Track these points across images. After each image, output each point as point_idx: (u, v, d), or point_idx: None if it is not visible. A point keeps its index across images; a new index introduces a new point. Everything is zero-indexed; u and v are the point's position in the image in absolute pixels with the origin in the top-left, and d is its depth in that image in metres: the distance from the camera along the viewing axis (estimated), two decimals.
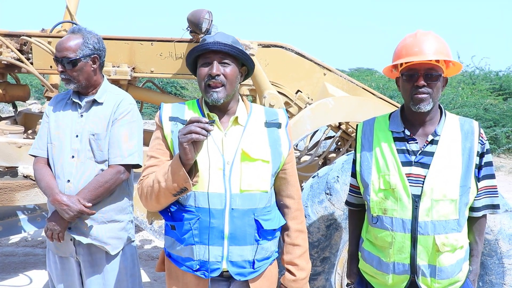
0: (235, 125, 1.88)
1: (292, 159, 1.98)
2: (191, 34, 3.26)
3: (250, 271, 1.88)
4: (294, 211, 2.00)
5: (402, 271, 1.95)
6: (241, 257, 1.84)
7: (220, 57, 1.81)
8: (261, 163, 1.84)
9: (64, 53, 2.27)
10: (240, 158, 1.82)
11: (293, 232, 1.99)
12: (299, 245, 1.99)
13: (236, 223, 1.81)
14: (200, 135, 1.61)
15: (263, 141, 1.88)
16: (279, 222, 1.95)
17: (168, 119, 1.89)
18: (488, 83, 14.71)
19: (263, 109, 1.98)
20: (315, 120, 3.26)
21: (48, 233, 2.27)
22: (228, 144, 1.84)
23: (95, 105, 2.34)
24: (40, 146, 2.37)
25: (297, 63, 3.49)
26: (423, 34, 1.95)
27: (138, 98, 3.74)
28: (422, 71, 1.88)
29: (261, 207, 1.86)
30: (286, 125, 1.95)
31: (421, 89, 1.88)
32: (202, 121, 1.63)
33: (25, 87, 3.83)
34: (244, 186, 1.81)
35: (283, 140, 1.92)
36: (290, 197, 1.99)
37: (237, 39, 1.89)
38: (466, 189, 1.92)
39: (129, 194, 2.46)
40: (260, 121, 1.92)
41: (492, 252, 2.66)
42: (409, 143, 1.96)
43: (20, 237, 5.24)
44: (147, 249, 5.09)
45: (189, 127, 1.62)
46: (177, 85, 17.09)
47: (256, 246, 1.86)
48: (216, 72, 1.79)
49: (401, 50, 1.94)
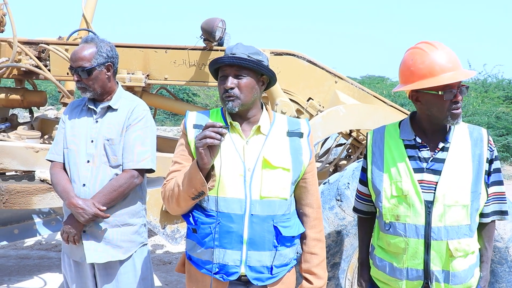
0: (258, 134, 1.92)
1: (313, 168, 2.00)
2: (204, 42, 3.31)
3: (268, 277, 1.90)
4: (312, 220, 2.02)
5: (416, 277, 1.97)
6: (259, 262, 1.87)
7: (236, 70, 1.86)
8: (281, 171, 1.88)
9: (79, 62, 2.32)
10: (261, 166, 1.86)
11: (311, 241, 2.01)
12: (317, 254, 2.01)
13: (255, 228, 1.84)
14: (214, 139, 1.67)
15: (284, 150, 1.91)
16: (298, 230, 1.97)
17: (192, 126, 1.94)
18: (501, 91, 14.60)
19: (286, 118, 2.01)
20: (326, 127, 3.29)
21: (64, 236, 2.33)
22: (249, 152, 1.88)
23: (110, 111, 2.40)
24: (56, 151, 2.43)
25: (308, 71, 3.53)
26: (441, 46, 1.93)
27: (152, 104, 3.79)
28: (456, 86, 1.89)
29: (280, 214, 1.89)
30: (308, 134, 1.98)
31: (458, 104, 1.90)
32: (216, 126, 1.69)
33: (42, 93, 3.91)
34: (264, 193, 1.85)
35: (304, 150, 1.95)
36: (309, 206, 2.02)
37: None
38: (477, 194, 1.94)
39: (142, 198, 2.51)
40: (283, 131, 1.95)
41: (503, 260, 2.66)
42: (420, 150, 1.98)
43: (35, 240, 5.31)
44: (159, 254, 5.13)
45: (204, 132, 1.70)
46: (189, 92, 17.19)
47: (274, 252, 1.88)
48: (229, 86, 1.84)
49: (434, 66, 1.89)
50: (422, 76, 1.91)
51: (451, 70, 1.88)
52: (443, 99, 1.89)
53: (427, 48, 1.93)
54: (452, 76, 1.86)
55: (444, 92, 1.88)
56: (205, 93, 15.99)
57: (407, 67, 1.96)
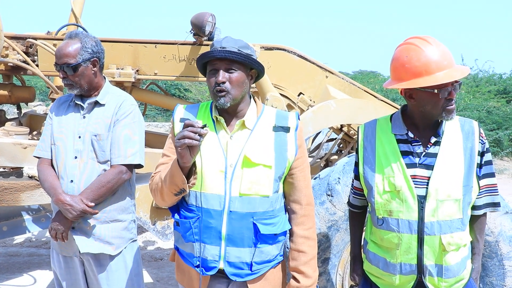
0: (242, 129, 1.90)
1: (301, 164, 1.96)
2: (194, 37, 3.29)
3: (248, 273, 1.89)
4: (300, 217, 1.97)
5: (409, 272, 1.97)
6: (238, 259, 1.86)
7: (226, 64, 1.83)
8: (262, 168, 1.85)
9: (64, 59, 2.29)
10: (242, 163, 1.84)
11: (298, 238, 1.97)
12: (304, 251, 1.96)
13: (234, 225, 1.83)
14: (193, 140, 1.64)
15: (268, 146, 1.88)
16: (283, 227, 1.94)
17: (179, 120, 1.94)
18: (492, 86, 14.67)
19: (275, 112, 1.98)
20: (317, 122, 3.28)
21: (52, 233, 2.31)
22: (232, 148, 1.86)
23: (97, 107, 2.37)
24: (44, 147, 2.40)
25: (299, 66, 3.52)
26: (435, 42, 1.91)
27: (142, 100, 3.77)
28: (450, 84, 1.87)
29: (262, 211, 1.87)
30: (296, 129, 1.94)
31: (452, 101, 1.90)
32: (195, 126, 1.66)
33: (31, 89, 3.87)
34: (244, 190, 1.83)
35: (289, 145, 1.91)
36: (297, 203, 1.98)
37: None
38: (469, 188, 1.94)
39: (131, 193, 2.49)
40: (269, 125, 1.92)
41: (493, 253, 2.68)
42: (412, 145, 1.97)
43: (24, 237, 5.28)
44: (150, 250, 5.11)
45: (183, 132, 1.66)
46: (180, 87, 17.12)
47: (254, 249, 1.87)
48: (221, 80, 1.82)
49: (430, 65, 1.86)
50: (418, 74, 1.88)
51: (446, 68, 1.86)
52: (438, 97, 1.88)
53: (421, 44, 1.90)
54: (449, 75, 1.85)
55: (440, 91, 1.87)
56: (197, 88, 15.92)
57: (401, 64, 1.92)
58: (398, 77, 1.95)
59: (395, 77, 1.98)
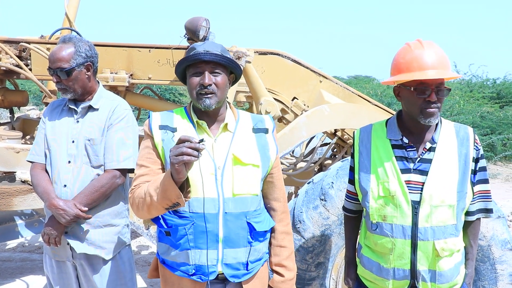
0: (225, 132, 1.93)
1: (278, 163, 2.04)
2: (188, 41, 3.30)
3: (244, 273, 1.91)
4: (280, 213, 2.05)
5: (403, 277, 1.97)
6: (235, 259, 1.88)
7: (211, 67, 1.85)
8: (252, 168, 1.89)
9: (58, 63, 2.29)
10: (231, 163, 1.86)
11: (279, 234, 2.05)
12: (286, 246, 2.05)
13: (229, 226, 1.85)
14: (191, 156, 1.56)
15: (252, 146, 1.93)
16: (270, 224, 2.00)
17: (158, 127, 1.90)
18: (486, 91, 14.77)
19: (250, 115, 2.03)
20: (311, 126, 3.29)
21: (45, 238, 2.30)
22: (218, 150, 1.88)
23: (91, 111, 2.37)
24: (37, 152, 2.39)
25: (293, 71, 3.53)
26: (430, 46, 1.92)
27: (136, 104, 3.76)
28: (433, 86, 1.87)
29: (253, 210, 1.91)
30: (272, 130, 2.02)
31: (433, 104, 1.88)
32: (192, 141, 1.58)
33: (24, 93, 3.85)
34: (237, 190, 1.86)
35: (270, 145, 1.98)
36: (277, 200, 2.05)
37: (225, 47, 1.93)
38: (463, 194, 1.95)
39: (125, 198, 2.48)
40: (248, 127, 1.97)
41: (485, 258, 2.69)
42: (407, 151, 1.98)
43: (17, 242, 5.24)
44: (144, 254, 5.09)
45: (181, 149, 1.57)
46: (175, 92, 17.11)
47: (249, 248, 1.90)
48: (208, 82, 1.83)
49: (412, 63, 1.90)
50: (400, 71, 1.93)
51: (429, 68, 1.87)
52: (414, 95, 1.89)
53: (414, 45, 1.94)
54: (425, 73, 1.86)
55: (416, 89, 1.88)
56: None
57: (392, 61, 2.00)
58: (390, 73, 2.02)
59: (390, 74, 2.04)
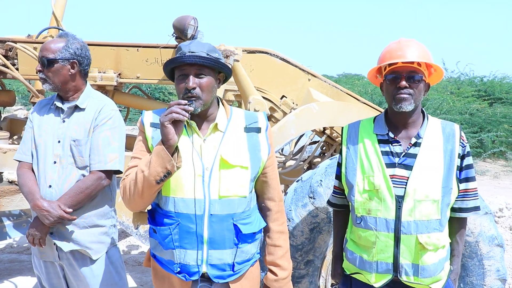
0: (215, 132, 1.91)
1: (273, 162, 2.00)
2: (176, 40, 3.28)
3: (230, 274, 1.90)
4: (275, 213, 2.03)
5: (385, 270, 1.99)
6: (220, 261, 1.87)
7: (196, 69, 1.83)
8: (239, 169, 1.87)
9: (44, 52, 2.31)
10: (219, 165, 1.85)
11: (274, 234, 2.03)
12: (280, 246, 2.03)
13: (215, 228, 1.84)
14: (180, 114, 1.71)
15: (242, 147, 1.90)
16: (259, 225, 1.98)
17: (149, 124, 1.91)
18: (473, 88, 14.89)
19: (243, 113, 2.00)
20: (300, 125, 3.30)
21: (30, 238, 2.28)
22: (207, 151, 1.86)
23: (77, 111, 2.35)
24: (24, 151, 2.37)
25: (282, 69, 3.54)
26: (406, 41, 2.02)
27: (124, 103, 3.75)
28: (405, 74, 1.95)
29: (240, 211, 1.89)
30: (266, 129, 1.97)
31: (403, 90, 1.95)
32: (181, 103, 1.74)
33: (11, 92, 3.82)
34: (223, 192, 1.84)
35: (262, 145, 1.95)
36: (271, 200, 2.03)
37: (214, 45, 1.91)
38: (448, 190, 1.97)
39: (112, 199, 2.46)
40: (240, 126, 1.94)
41: (473, 254, 2.71)
42: (393, 145, 2.01)
43: (5, 243, 5.19)
44: (134, 254, 5.07)
45: (170, 109, 1.73)
46: (165, 91, 17.06)
47: (235, 249, 1.88)
48: (191, 86, 1.81)
49: (385, 55, 2.02)
50: (378, 63, 2.07)
51: (398, 58, 1.97)
52: (387, 83, 2.00)
53: (396, 42, 2.04)
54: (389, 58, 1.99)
55: (385, 76, 2.01)
56: None
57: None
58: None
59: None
